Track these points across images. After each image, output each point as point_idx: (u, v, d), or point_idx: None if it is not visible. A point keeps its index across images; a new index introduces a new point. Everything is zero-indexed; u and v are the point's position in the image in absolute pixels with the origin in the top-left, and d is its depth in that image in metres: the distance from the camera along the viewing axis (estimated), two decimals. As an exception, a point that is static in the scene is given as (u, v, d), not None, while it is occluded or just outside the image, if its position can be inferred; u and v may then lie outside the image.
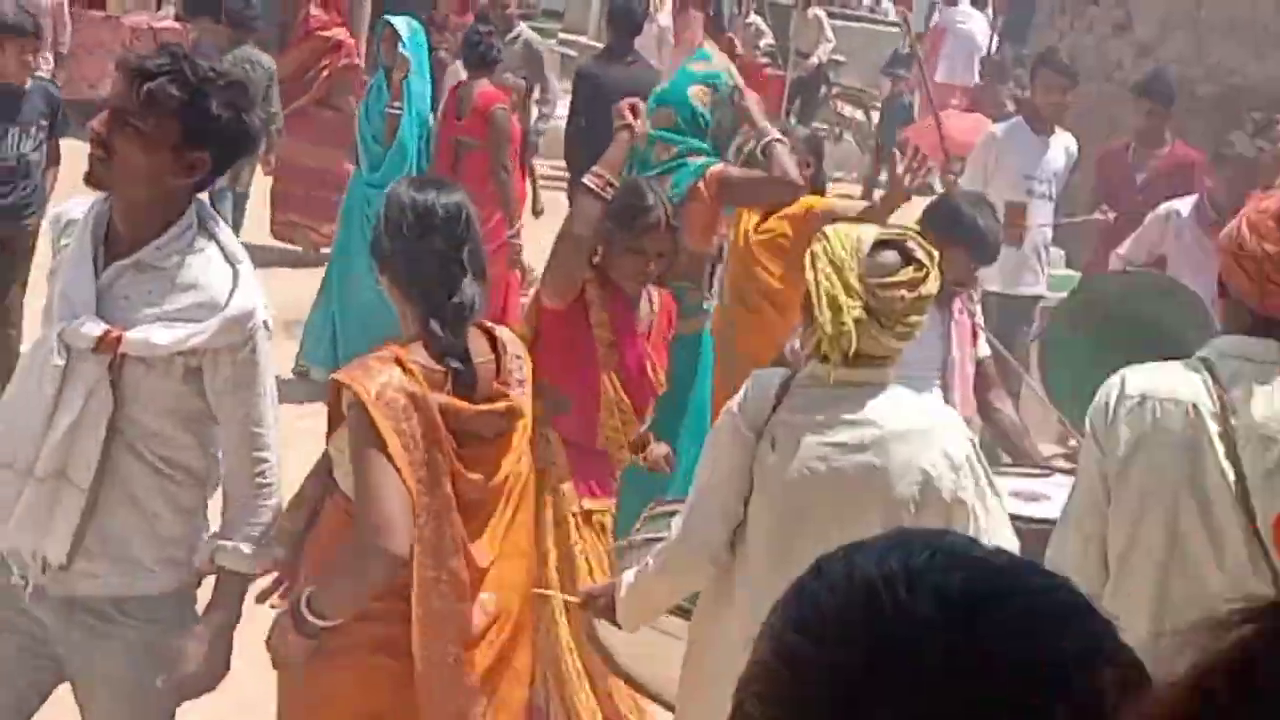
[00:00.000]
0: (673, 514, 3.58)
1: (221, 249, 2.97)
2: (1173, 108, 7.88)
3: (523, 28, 9.74)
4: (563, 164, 8.72)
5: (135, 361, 2.92)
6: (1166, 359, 3.13)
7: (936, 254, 3.08)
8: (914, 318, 3.06)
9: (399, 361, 3.00)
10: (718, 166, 5.00)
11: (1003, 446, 4.68)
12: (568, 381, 4.18)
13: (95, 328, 2.89)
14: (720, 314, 5.24)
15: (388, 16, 8.26)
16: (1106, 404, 3.16)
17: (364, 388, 2.93)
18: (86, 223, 2.96)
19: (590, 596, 3.48)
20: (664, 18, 9.39)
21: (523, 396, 3.21)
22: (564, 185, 8.75)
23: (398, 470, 2.89)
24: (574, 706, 4.10)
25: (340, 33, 9.72)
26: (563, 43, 16.56)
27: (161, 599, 3.06)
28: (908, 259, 3.07)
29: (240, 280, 2.95)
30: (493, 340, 3.21)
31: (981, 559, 0.94)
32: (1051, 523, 3.35)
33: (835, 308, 3.02)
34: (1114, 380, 3.19)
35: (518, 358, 3.23)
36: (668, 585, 3.25)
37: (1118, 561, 3.09)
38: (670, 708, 3.54)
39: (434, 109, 7.91)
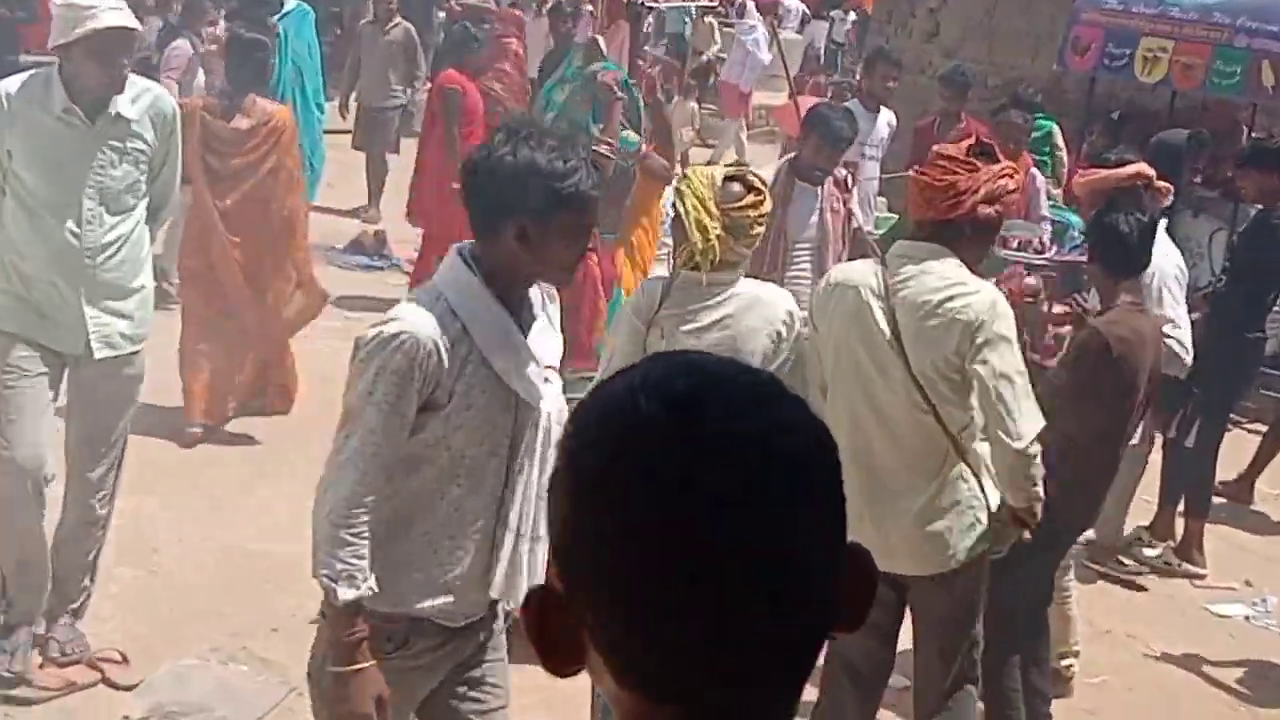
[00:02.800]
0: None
1: None
2: (967, 94, 8.92)
3: (399, 19, 10.98)
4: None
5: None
6: None
7: (769, 181, 3.60)
8: (757, 230, 3.44)
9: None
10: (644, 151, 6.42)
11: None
12: (572, 317, 4.83)
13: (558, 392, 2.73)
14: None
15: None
16: (818, 293, 3.65)
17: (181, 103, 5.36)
18: (484, 307, 2.62)
19: None
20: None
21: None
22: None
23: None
24: None
25: None
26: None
27: None
28: (749, 188, 3.45)
29: None
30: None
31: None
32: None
33: (702, 229, 3.34)
34: (824, 278, 3.74)
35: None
36: None
37: (829, 394, 3.49)
38: None
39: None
